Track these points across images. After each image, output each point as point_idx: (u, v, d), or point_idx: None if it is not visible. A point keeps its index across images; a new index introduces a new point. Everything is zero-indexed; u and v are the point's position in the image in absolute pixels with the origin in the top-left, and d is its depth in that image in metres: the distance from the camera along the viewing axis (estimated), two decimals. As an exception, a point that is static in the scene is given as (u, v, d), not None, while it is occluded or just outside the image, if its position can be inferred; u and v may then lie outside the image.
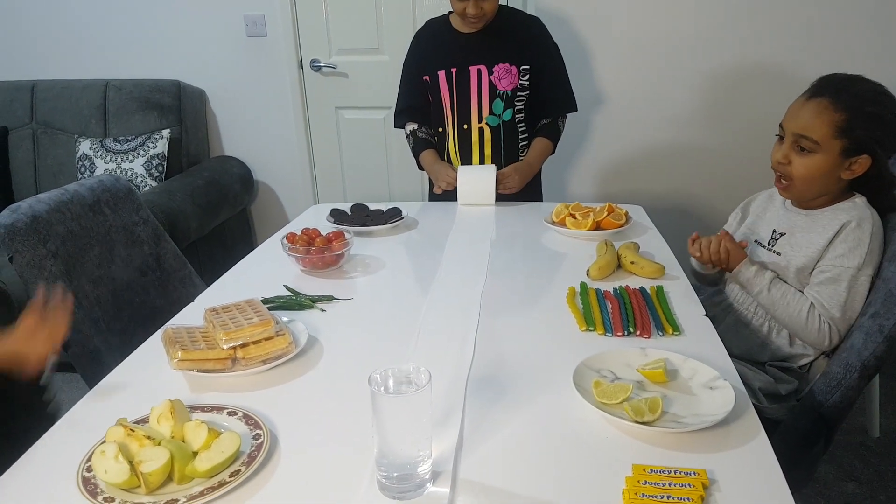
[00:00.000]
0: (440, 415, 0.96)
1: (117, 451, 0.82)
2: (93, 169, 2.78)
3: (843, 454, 2.05)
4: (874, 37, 2.47)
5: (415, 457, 0.80)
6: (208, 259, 2.75)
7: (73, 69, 3.05)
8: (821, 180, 1.34)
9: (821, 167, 1.32)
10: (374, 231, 1.78)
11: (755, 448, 0.88)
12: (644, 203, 1.96)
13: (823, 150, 1.30)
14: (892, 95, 1.30)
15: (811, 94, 1.33)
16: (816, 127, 1.30)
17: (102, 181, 1.66)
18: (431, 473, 0.83)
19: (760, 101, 2.61)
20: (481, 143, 2.06)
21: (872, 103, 1.29)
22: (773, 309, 1.38)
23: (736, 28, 2.54)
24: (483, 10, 1.86)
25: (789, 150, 1.35)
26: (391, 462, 0.80)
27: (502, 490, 0.82)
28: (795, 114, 1.34)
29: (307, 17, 2.87)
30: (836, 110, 1.28)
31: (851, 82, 1.32)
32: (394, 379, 0.82)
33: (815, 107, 1.30)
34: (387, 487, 0.81)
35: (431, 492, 0.82)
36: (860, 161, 1.30)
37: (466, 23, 1.92)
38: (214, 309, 1.17)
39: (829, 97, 1.29)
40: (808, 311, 1.32)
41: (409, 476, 0.80)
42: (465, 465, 0.87)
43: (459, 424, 0.94)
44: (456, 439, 0.91)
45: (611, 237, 1.63)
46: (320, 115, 3.04)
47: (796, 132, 1.33)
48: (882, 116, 1.29)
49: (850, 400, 1.23)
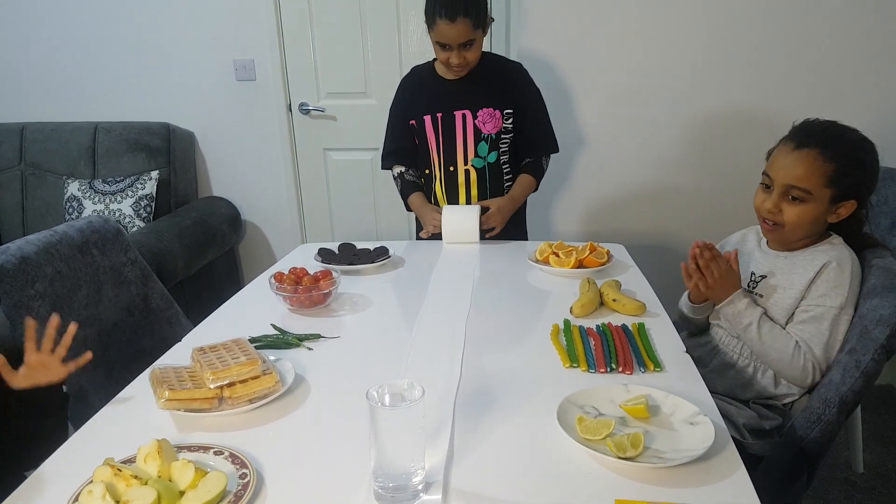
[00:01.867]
0: (429, 447, 0.97)
1: (104, 491, 0.83)
2: (81, 210, 2.79)
3: (827, 489, 2.05)
4: (851, 79, 2.56)
5: (409, 468, 0.86)
6: (195, 299, 2.75)
7: (62, 111, 3.08)
8: (810, 225, 1.38)
9: (811, 214, 1.36)
10: (361, 270, 1.80)
11: (735, 482, 0.89)
12: (625, 241, 1.99)
13: (815, 199, 1.34)
14: (871, 142, 1.36)
15: (798, 144, 1.35)
16: (808, 178, 1.33)
17: (91, 222, 1.67)
18: (424, 485, 0.88)
19: (739, 142, 2.68)
20: (467, 185, 2.10)
21: (859, 150, 1.34)
22: (760, 344, 1.38)
23: (714, 71, 2.62)
24: (466, 59, 1.91)
25: (780, 199, 1.38)
26: (387, 473, 0.86)
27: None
28: (784, 164, 1.36)
29: (296, 61, 2.94)
30: (825, 161, 1.32)
31: (834, 130, 1.36)
32: (389, 394, 0.88)
33: (805, 158, 1.33)
34: (383, 497, 0.86)
35: (425, 500, 0.87)
36: (846, 205, 1.35)
37: (451, 71, 1.98)
38: (202, 348, 1.18)
39: (818, 147, 1.32)
40: (794, 349, 1.34)
41: (404, 487, 0.86)
42: (454, 489, 0.88)
43: (447, 454, 0.96)
44: (444, 469, 0.92)
45: (593, 275, 1.66)
46: (308, 156, 3.08)
47: (787, 183, 1.36)
48: (865, 162, 1.34)
49: (830, 435, 1.24)
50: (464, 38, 1.86)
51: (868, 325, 1.25)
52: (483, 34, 1.92)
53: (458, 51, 1.89)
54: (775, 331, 1.37)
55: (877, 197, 2.06)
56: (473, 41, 1.89)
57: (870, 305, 1.28)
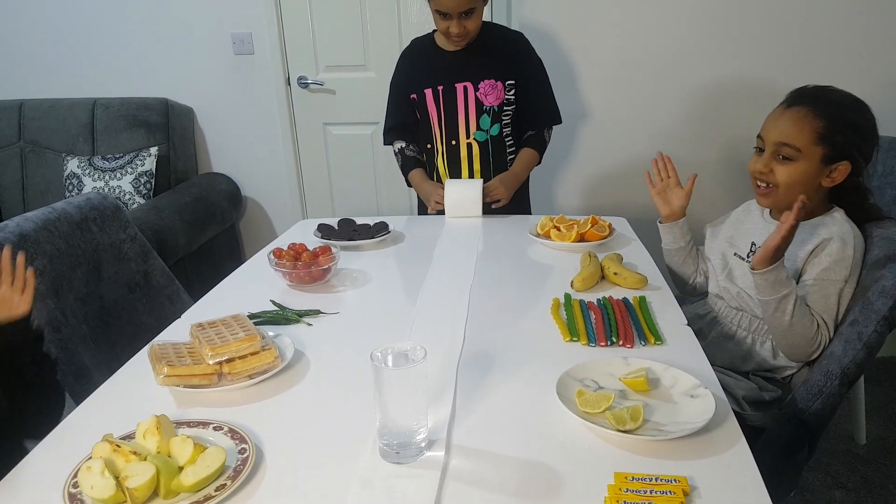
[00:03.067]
0: (432, 410, 0.97)
1: (103, 467, 0.83)
2: (80, 187, 2.78)
3: (830, 461, 2.06)
4: (851, 52, 2.52)
5: (413, 426, 0.89)
6: (196, 275, 2.75)
7: (60, 88, 3.06)
8: (802, 187, 1.35)
9: (803, 174, 1.34)
10: (361, 245, 1.79)
11: (736, 455, 0.89)
12: (627, 215, 1.98)
13: (805, 157, 1.32)
14: (866, 104, 1.34)
15: (789, 104, 1.36)
16: (797, 134, 1.32)
17: (90, 199, 1.66)
18: (428, 442, 0.92)
19: (742, 114, 2.65)
20: (470, 159, 2.08)
21: (850, 110, 1.32)
22: (789, 319, 1.29)
23: (719, 43, 2.58)
24: (466, 28, 1.88)
25: (770, 159, 1.37)
26: (392, 431, 0.89)
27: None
28: (775, 123, 1.36)
29: (294, 35, 2.90)
30: (815, 117, 1.31)
31: (826, 91, 1.35)
32: (393, 356, 0.90)
33: (794, 115, 1.33)
34: (388, 454, 0.90)
35: (428, 456, 0.91)
36: (840, 168, 1.32)
37: (451, 41, 1.95)
38: (200, 324, 1.18)
39: (808, 105, 1.32)
40: (816, 330, 1.30)
41: (408, 444, 0.90)
42: (456, 446, 0.88)
43: (449, 415, 0.96)
44: (447, 427, 0.93)
45: (594, 249, 1.65)
46: (308, 131, 3.05)
47: (777, 141, 1.35)
48: (859, 123, 1.31)
49: (831, 407, 1.24)
50: (464, 6, 1.82)
51: (871, 296, 1.24)
52: (483, 3, 1.89)
53: (457, 19, 1.85)
54: (804, 308, 1.30)
55: (882, 167, 2.04)
56: (474, 9, 1.86)
57: (872, 277, 1.27)
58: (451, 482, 0.86)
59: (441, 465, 0.89)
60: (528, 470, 0.88)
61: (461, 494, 0.84)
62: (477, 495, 0.84)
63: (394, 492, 0.84)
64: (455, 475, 0.88)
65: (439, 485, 0.85)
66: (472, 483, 0.86)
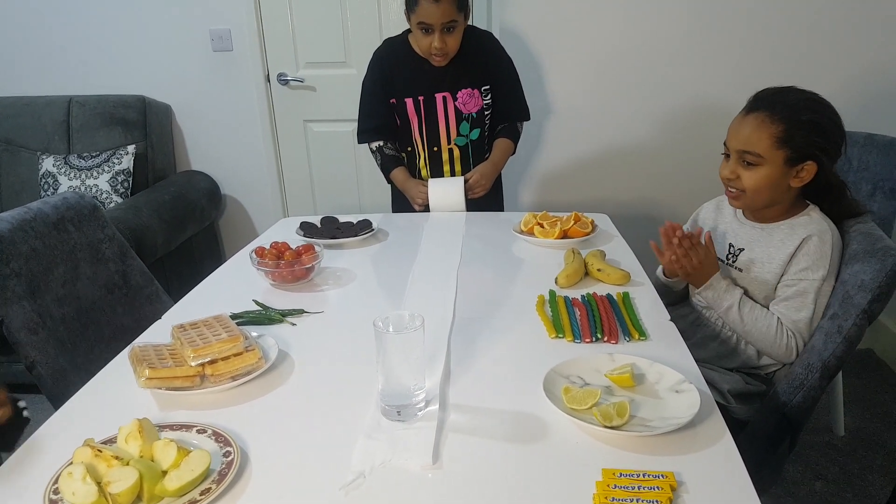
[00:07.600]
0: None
1: (85, 473, 0.81)
2: (56, 186, 2.73)
3: (809, 453, 2.09)
4: (830, 43, 2.54)
5: (411, 387, 0.98)
6: (175, 275, 2.72)
7: (35, 85, 2.99)
8: (770, 190, 1.37)
9: (767, 178, 1.35)
10: (344, 243, 1.78)
11: (721, 449, 0.90)
12: (609, 211, 1.99)
13: (768, 162, 1.34)
14: (826, 102, 1.34)
15: (748, 110, 1.37)
16: (757, 141, 1.33)
17: (66, 199, 1.63)
18: (425, 403, 1.01)
19: (721, 109, 2.66)
20: (451, 162, 2.13)
21: (808, 111, 1.32)
22: (742, 325, 1.39)
23: (694, 40, 2.60)
24: (447, 44, 1.89)
25: (736, 165, 1.39)
26: (393, 392, 0.98)
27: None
28: (736, 131, 1.38)
29: (274, 31, 2.87)
30: (772, 122, 1.32)
31: (784, 93, 1.36)
32: (393, 324, 0.99)
33: (752, 121, 1.34)
34: (390, 413, 0.99)
35: (427, 411, 1.00)
36: (806, 168, 1.34)
37: (432, 59, 1.96)
38: (182, 325, 1.16)
39: (765, 110, 1.33)
40: (777, 328, 1.34)
41: (407, 404, 0.99)
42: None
43: (436, 426, 0.96)
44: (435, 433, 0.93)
45: (578, 245, 1.66)
46: (288, 128, 3.03)
47: (739, 149, 1.37)
48: (819, 122, 1.32)
49: (812, 400, 1.26)
50: (447, 17, 1.84)
51: (850, 290, 1.25)
52: (465, 19, 1.92)
53: (440, 33, 1.86)
54: (756, 311, 1.38)
55: (858, 163, 2.06)
56: (456, 23, 1.87)
57: (851, 271, 1.28)
58: (448, 433, 0.95)
59: (438, 419, 0.98)
60: (516, 469, 0.88)
61: (459, 442, 0.93)
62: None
63: (396, 440, 0.94)
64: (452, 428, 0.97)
65: (437, 432, 0.95)
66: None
